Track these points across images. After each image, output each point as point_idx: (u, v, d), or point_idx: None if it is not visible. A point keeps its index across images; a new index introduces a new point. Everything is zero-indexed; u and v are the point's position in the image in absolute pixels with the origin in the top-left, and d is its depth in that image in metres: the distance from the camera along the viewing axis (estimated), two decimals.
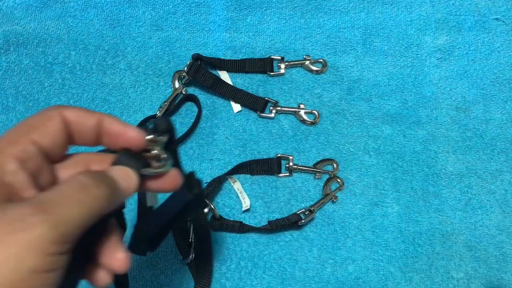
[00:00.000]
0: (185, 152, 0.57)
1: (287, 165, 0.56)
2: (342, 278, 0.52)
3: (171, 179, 0.31)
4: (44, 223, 0.22)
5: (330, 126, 0.58)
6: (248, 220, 0.54)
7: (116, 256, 0.28)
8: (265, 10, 0.63)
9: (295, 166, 0.56)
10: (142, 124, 0.57)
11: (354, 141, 0.58)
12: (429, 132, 0.58)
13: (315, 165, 0.56)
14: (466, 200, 0.56)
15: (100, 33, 0.61)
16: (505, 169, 0.57)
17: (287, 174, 0.56)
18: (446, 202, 0.56)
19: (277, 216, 0.54)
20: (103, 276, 0.29)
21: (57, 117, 0.28)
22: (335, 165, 0.56)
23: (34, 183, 0.26)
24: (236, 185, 0.55)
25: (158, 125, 0.30)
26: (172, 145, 0.31)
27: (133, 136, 0.29)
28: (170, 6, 0.62)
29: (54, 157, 0.29)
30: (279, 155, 0.56)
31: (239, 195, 0.55)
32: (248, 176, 0.56)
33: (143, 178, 0.29)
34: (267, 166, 0.56)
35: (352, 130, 0.58)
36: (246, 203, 0.54)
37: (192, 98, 0.59)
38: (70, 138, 0.29)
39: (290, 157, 0.56)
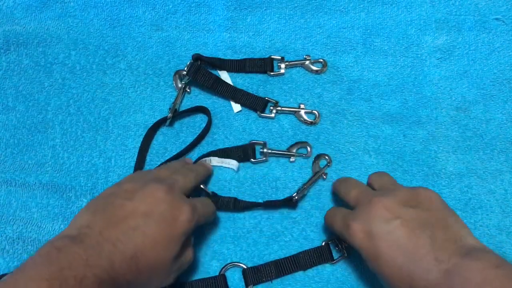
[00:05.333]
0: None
1: (261, 150, 0.57)
2: (342, 278, 0.52)
3: None
4: None
5: (330, 126, 0.58)
6: (247, 220, 0.54)
7: None
8: (265, 10, 0.63)
9: (270, 151, 0.57)
10: (156, 127, 0.58)
11: (354, 141, 0.58)
12: (429, 132, 0.58)
13: (288, 149, 0.57)
14: (466, 200, 0.55)
15: (100, 33, 0.62)
16: (505, 169, 0.57)
17: (263, 159, 0.57)
18: (446, 202, 0.55)
19: (276, 215, 0.55)
20: None
21: None
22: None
23: None
24: (214, 161, 0.56)
25: None
26: None
27: None
28: (170, 6, 0.63)
29: None
30: (252, 141, 0.57)
31: (223, 164, 0.56)
32: (248, 176, 0.56)
33: None
34: (242, 152, 0.57)
35: (352, 130, 0.58)
36: (232, 163, 0.56)
37: (203, 110, 0.59)
38: None
39: (264, 142, 0.57)
